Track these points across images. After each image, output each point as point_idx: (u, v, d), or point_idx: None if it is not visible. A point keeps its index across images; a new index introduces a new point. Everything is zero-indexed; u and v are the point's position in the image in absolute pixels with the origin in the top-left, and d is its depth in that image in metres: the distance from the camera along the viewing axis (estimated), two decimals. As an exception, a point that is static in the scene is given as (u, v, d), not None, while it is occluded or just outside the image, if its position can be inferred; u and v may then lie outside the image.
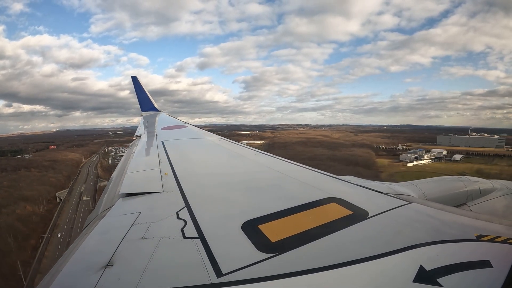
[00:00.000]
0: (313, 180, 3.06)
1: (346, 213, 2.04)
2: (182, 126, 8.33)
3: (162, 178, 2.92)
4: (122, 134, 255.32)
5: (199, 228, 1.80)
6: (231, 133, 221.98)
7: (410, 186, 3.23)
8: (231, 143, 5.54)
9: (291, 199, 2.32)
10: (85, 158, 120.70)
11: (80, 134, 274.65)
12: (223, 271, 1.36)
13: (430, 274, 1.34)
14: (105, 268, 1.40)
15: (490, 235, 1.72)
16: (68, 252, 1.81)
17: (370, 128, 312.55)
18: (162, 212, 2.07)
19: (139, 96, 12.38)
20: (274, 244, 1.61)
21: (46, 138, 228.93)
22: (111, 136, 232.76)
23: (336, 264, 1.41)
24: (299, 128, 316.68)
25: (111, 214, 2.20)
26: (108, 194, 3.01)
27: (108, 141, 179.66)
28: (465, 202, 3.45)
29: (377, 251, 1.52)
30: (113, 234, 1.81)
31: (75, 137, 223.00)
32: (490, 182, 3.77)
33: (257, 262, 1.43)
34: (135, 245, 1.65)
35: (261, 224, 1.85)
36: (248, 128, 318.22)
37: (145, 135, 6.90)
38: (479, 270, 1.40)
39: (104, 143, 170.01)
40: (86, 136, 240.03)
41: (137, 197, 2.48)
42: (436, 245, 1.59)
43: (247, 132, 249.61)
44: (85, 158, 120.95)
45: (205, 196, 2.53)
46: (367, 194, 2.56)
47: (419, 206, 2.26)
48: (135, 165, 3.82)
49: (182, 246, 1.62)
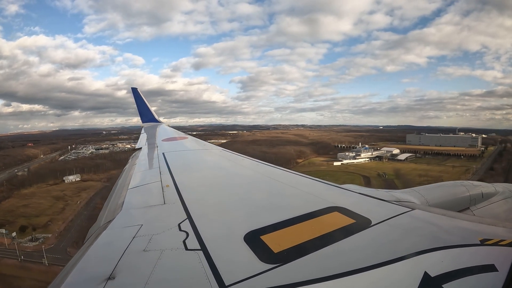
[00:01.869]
0: (315, 189, 3.07)
1: (348, 222, 2.03)
2: (182, 137, 8.46)
3: (163, 190, 2.96)
4: (115, 133, 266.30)
5: (201, 240, 1.79)
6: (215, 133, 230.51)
7: (412, 193, 3.23)
8: (232, 154, 5.58)
9: (293, 209, 2.32)
10: (44, 154, 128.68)
11: (76, 134, 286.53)
12: (226, 282, 1.35)
13: (435, 280, 1.33)
14: (107, 281, 1.38)
15: (494, 239, 1.71)
16: (70, 264, 1.78)
17: (363, 129, 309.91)
18: (163, 224, 2.08)
19: (139, 107, 12.48)
20: (277, 255, 1.60)
21: (39, 137, 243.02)
22: (102, 136, 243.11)
23: (340, 274, 1.39)
24: (294, 129, 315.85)
25: (113, 226, 2.22)
26: (110, 206, 3.02)
27: (87, 140, 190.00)
28: (468, 206, 3.42)
29: (381, 259, 1.50)
30: (115, 246, 1.81)
31: (68, 136, 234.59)
32: (492, 185, 3.76)
33: (260, 273, 1.42)
34: (137, 257, 1.64)
35: (264, 235, 1.85)
36: (242, 128, 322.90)
37: (146, 147, 7.02)
38: (484, 275, 1.39)
39: (81, 141, 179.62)
40: (80, 135, 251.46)
41: (139, 209, 2.53)
42: (440, 251, 1.58)
43: (232, 132, 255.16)
44: (44, 154, 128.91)
45: (207, 208, 2.54)
46: (369, 202, 2.55)
47: (421, 212, 2.27)
48: (137, 177, 3.90)
49: (184, 258, 1.61)
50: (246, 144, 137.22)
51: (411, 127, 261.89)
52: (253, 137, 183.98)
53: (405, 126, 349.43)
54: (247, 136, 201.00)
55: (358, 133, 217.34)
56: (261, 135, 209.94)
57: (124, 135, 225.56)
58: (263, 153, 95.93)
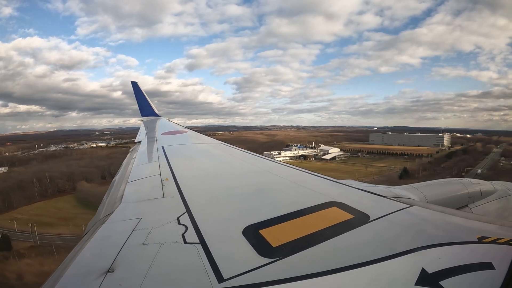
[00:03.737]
0: (314, 184, 3.07)
1: (347, 217, 2.04)
2: (182, 131, 8.45)
3: (162, 184, 2.97)
4: (107, 134, 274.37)
5: (200, 233, 1.80)
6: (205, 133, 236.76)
7: (411, 189, 3.25)
8: (232, 148, 5.61)
9: (292, 204, 2.33)
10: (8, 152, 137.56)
11: (71, 134, 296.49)
12: (224, 276, 1.35)
13: (432, 277, 1.33)
14: (107, 274, 1.39)
15: (492, 237, 1.71)
16: (70, 257, 1.77)
17: (358, 129, 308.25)
18: (163, 218, 2.09)
19: (139, 101, 12.29)
20: (276, 249, 1.60)
21: (31, 137, 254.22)
22: (94, 136, 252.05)
23: (338, 269, 1.40)
24: (287, 130, 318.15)
25: (112, 219, 2.22)
26: (109, 199, 3.01)
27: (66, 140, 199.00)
28: (466, 204, 3.44)
29: (379, 255, 1.50)
30: (114, 239, 1.81)
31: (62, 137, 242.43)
32: (491, 183, 3.79)
33: (259, 267, 1.43)
34: (136, 251, 1.65)
35: (262, 229, 1.85)
36: (235, 129, 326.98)
37: (146, 141, 7.01)
38: (481, 272, 1.39)
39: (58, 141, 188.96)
40: (74, 136, 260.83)
41: (138, 203, 2.55)
42: (437, 248, 1.58)
43: (218, 132, 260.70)
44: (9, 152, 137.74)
45: (206, 201, 2.56)
46: (368, 198, 2.56)
47: (420, 209, 2.27)
48: (136, 170, 3.90)
49: (183, 251, 1.62)
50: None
51: (409, 128, 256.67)
52: (222, 137, 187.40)
53: (401, 127, 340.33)
54: (220, 135, 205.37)
55: (330, 133, 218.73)
56: (236, 134, 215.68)
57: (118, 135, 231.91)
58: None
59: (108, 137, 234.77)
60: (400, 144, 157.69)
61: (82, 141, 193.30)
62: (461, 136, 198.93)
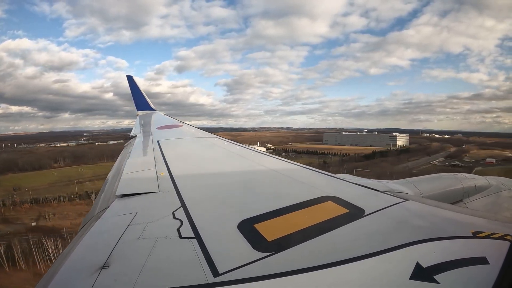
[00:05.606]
0: (309, 178, 3.10)
1: (342, 211, 2.05)
2: (178, 125, 8.29)
3: (158, 178, 2.96)
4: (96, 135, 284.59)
5: (195, 228, 1.80)
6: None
7: (406, 184, 3.25)
8: (227, 142, 5.57)
9: (287, 198, 2.33)
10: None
11: (60, 135, 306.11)
12: (219, 270, 1.36)
13: (427, 271, 1.34)
14: (102, 269, 1.39)
15: (486, 232, 1.72)
16: (64, 253, 1.75)
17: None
18: (158, 212, 2.08)
19: (134, 95, 12.15)
20: (271, 243, 1.61)
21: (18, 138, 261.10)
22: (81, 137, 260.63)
23: (333, 263, 1.41)
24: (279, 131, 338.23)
25: (107, 214, 2.21)
26: (104, 194, 3.02)
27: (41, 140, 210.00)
28: (461, 199, 3.49)
29: (374, 249, 1.51)
30: (110, 234, 1.80)
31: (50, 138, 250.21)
32: (485, 178, 3.83)
33: (254, 261, 1.44)
34: (132, 246, 1.64)
35: (258, 223, 1.85)
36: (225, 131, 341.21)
37: (141, 135, 6.92)
38: (475, 267, 1.41)
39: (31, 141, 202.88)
40: (63, 136, 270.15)
41: (133, 198, 2.51)
42: (432, 242, 1.60)
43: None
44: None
45: (201, 196, 2.55)
46: (363, 192, 2.56)
47: (415, 203, 2.28)
48: (131, 165, 3.82)
49: (178, 246, 1.62)
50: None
51: (400, 131, 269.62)
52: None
53: (392, 129, 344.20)
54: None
55: (300, 134, 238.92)
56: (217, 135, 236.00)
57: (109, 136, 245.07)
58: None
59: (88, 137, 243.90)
60: (353, 144, 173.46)
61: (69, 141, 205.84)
62: (440, 137, 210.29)
